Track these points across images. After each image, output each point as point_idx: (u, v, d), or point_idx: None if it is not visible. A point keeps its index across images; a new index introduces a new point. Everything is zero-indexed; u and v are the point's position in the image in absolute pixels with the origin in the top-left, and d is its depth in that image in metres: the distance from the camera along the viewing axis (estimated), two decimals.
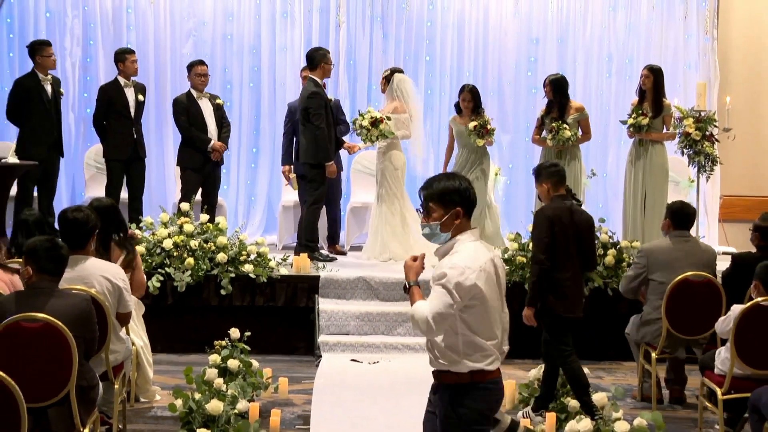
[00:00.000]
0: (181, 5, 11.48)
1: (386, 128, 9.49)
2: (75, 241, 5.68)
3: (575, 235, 6.42)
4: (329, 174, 9.48)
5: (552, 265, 6.33)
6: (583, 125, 9.63)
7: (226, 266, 8.53)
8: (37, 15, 11.39)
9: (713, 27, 11.65)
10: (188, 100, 9.96)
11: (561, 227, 6.36)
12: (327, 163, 9.43)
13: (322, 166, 9.44)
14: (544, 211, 6.47)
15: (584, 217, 6.54)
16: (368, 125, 9.50)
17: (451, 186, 4.10)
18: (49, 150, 9.67)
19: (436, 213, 4.07)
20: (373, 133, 9.50)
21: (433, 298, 3.98)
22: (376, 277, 8.78)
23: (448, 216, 4.06)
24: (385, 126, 9.48)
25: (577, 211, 6.52)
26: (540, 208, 6.63)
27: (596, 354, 8.49)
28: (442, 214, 4.06)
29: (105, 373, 5.73)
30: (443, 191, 4.07)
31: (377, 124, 9.48)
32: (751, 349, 5.93)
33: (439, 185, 4.09)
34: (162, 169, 11.49)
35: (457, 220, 4.06)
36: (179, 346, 8.47)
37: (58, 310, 4.94)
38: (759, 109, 11.64)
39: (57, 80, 9.97)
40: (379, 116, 9.54)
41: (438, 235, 4.09)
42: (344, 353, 8.22)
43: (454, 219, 4.06)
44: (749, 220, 7.88)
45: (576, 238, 6.42)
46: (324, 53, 9.62)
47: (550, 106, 9.65)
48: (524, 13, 11.69)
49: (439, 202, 4.07)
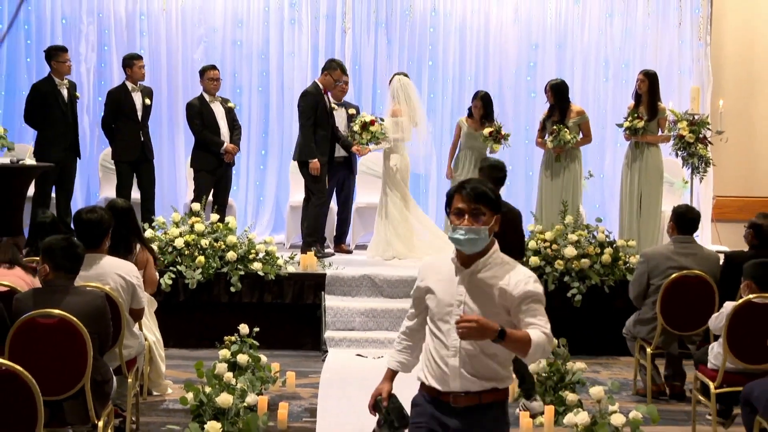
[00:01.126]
0: (192, 12, 11.48)
1: (378, 131, 9.49)
2: (90, 241, 5.69)
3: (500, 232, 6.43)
4: (311, 170, 9.46)
5: None
6: (583, 128, 9.62)
7: (235, 264, 8.53)
8: (53, 21, 11.41)
9: (707, 33, 11.62)
10: (201, 103, 9.96)
11: None
12: (311, 160, 9.44)
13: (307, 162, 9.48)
14: None
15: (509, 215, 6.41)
16: (359, 129, 9.53)
17: (496, 192, 3.81)
18: (65, 152, 9.70)
19: (486, 217, 3.67)
20: (364, 137, 9.52)
21: (539, 317, 3.61)
22: (380, 274, 8.79)
23: (495, 222, 3.71)
24: (376, 129, 9.49)
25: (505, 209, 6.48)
26: None
27: (593, 349, 8.48)
28: (491, 218, 3.69)
29: (119, 367, 5.74)
30: (496, 195, 3.75)
31: (368, 127, 9.49)
32: (743, 344, 5.92)
33: (489, 188, 3.74)
34: (174, 170, 11.49)
35: (497, 228, 3.73)
36: (190, 341, 8.48)
37: (73, 307, 4.95)
38: (751, 112, 11.62)
39: (73, 84, 9.98)
40: (370, 119, 9.55)
41: (481, 241, 3.67)
42: (350, 348, 8.23)
43: (496, 226, 3.72)
44: (741, 220, 7.89)
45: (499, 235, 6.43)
46: (333, 65, 9.66)
47: (551, 110, 9.64)
48: (524, 20, 11.68)
49: (489, 205, 3.68)
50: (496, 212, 3.70)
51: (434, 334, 3.74)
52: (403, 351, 4.00)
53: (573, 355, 7.04)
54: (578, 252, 8.56)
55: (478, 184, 3.72)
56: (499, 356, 3.66)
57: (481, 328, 3.42)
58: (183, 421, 6.24)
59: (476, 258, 3.70)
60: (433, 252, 9.40)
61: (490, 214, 3.68)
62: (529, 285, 3.63)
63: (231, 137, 10.03)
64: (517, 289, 3.62)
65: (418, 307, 3.91)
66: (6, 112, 11.23)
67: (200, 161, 9.96)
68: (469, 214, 3.65)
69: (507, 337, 3.46)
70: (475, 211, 3.65)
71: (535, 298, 3.61)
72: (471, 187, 3.69)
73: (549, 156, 9.62)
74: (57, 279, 5.07)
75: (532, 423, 6.16)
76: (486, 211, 3.67)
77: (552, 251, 8.61)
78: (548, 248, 8.64)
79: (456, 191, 3.73)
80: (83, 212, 5.84)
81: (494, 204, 3.70)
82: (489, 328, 3.43)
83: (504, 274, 3.67)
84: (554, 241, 8.68)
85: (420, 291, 3.85)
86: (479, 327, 3.42)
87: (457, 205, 3.69)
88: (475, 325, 3.41)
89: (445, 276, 3.76)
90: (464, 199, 3.67)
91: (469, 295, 3.68)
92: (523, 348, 3.50)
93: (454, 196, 3.73)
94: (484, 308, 3.63)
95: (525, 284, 3.63)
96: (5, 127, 9.19)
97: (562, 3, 11.70)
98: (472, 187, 3.69)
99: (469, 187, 3.69)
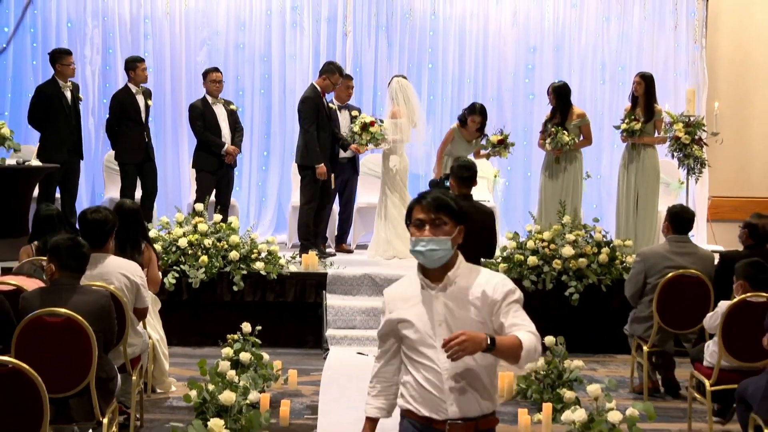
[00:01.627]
0: (195, 15, 11.50)
1: (377, 132, 9.49)
2: (95, 241, 5.69)
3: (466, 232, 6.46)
4: (318, 175, 9.46)
5: None
6: (584, 131, 9.58)
7: (238, 264, 8.54)
8: (59, 25, 11.42)
9: (702, 36, 11.63)
10: (203, 105, 9.97)
11: None
12: (317, 165, 9.43)
13: (312, 167, 9.45)
14: None
15: (477, 215, 6.49)
16: (358, 130, 9.53)
17: (459, 201, 3.56)
18: (69, 153, 9.70)
19: (449, 227, 3.44)
20: (364, 138, 9.52)
21: (523, 317, 3.42)
22: (380, 274, 8.79)
23: (458, 232, 3.47)
24: (376, 130, 9.49)
25: (473, 209, 6.49)
26: None
27: (591, 347, 8.48)
28: (454, 229, 3.45)
29: (123, 365, 5.74)
30: (458, 204, 3.50)
31: (367, 128, 9.49)
32: (738, 342, 5.92)
33: (451, 198, 3.50)
34: (177, 171, 11.50)
35: (460, 240, 3.49)
36: (194, 339, 8.49)
37: (79, 306, 4.95)
38: (745, 114, 11.62)
39: (76, 86, 9.99)
40: (369, 120, 9.56)
41: (444, 253, 3.43)
42: (350, 346, 8.23)
43: (460, 237, 3.48)
44: (736, 220, 7.89)
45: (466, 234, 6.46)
46: (332, 69, 9.62)
47: (553, 112, 9.63)
48: (522, 23, 11.69)
49: (451, 215, 3.45)
50: (460, 222, 3.47)
51: (418, 362, 3.46)
52: (379, 395, 3.65)
53: (570, 353, 7.06)
54: (576, 251, 8.56)
55: (438, 194, 3.50)
56: (490, 368, 3.46)
57: (471, 341, 3.21)
58: (186, 418, 6.24)
59: (444, 272, 3.47)
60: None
61: (452, 224, 3.45)
62: (507, 285, 3.45)
63: (232, 139, 10.03)
64: (496, 292, 3.42)
65: (387, 341, 3.59)
66: (12, 114, 11.23)
67: (202, 162, 9.97)
68: (429, 224, 3.44)
69: (497, 344, 3.26)
70: (436, 221, 3.43)
71: (516, 299, 3.43)
72: (432, 197, 3.48)
73: (549, 158, 9.63)
74: (63, 278, 5.07)
75: (530, 420, 6.16)
76: (448, 220, 3.44)
77: (550, 251, 8.62)
78: (546, 248, 8.64)
79: (416, 202, 3.51)
80: (88, 212, 5.84)
81: (456, 214, 3.47)
82: (478, 339, 3.23)
83: (477, 281, 3.46)
84: (552, 241, 8.68)
85: (391, 324, 3.54)
86: (469, 340, 3.20)
87: (417, 216, 3.47)
88: (465, 338, 3.20)
89: (415, 300, 3.50)
90: (424, 209, 3.45)
91: (447, 312, 3.43)
92: (514, 352, 3.31)
93: (414, 207, 3.51)
94: (465, 322, 3.39)
95: (503, 286, 3.44)
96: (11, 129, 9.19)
97: (559, 7, 11.71)
98: (433, 197, 3.48)
99: (429, 197, 3.48)
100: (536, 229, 8.87)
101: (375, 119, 9.64)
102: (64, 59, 9.73)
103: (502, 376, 6.84)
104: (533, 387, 6.81)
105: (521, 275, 8.38)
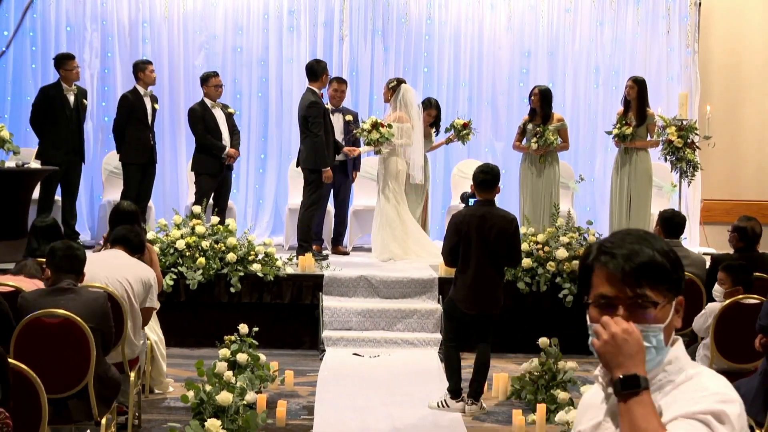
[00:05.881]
0: (193, 19, 11.49)
1: (386, 133, 9.50)
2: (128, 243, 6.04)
3: (481, 238, 6.44)
4: (325, 179, 9.45)
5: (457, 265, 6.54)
6: (562, 134, 9.77)
7: (235, 265, 8.53)
8: (58, 29, 11.40)
9: (694, 41, 11.65)
10: (203, 109, 9.96)
11: (467, 231, 6.46)
12: (324, 169, 9.42)
13: (320, 171, 9.44)
14: (453, 217, 6.78)
15: (496, 222, 6.47)
16: (369, 127, 9.52)
17: (671, 251, 2.12)
18: (69, 155, 9.69)
19: (660, 308, 2.06)
20: (374, 135, 9.52)
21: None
22: (376, 276, 8.79)
23: (674, 309, 2.10)
24: (385, 131, 9.50)
25: (491, 215, 6.49)
26: (453, 214, 6.99)
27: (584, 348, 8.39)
28: (668, 308, 2.09)
29: (122, 365, 5.74)
30: (671, 259, 2.10)
31: (378, 127, 9.51)
32: (730, 344, 5.93)
33: (659, 249, 2.07)
34: (175, 173, 11.48)
35: (679, 323, 2.14)
36: (191, 340, 8.48)
37: (77, 307, 4.96)
38: (737, 117, 11.64)
39: (83, 91, 10.02)
40: (380, 121, 9.58)
41: (656, 353, 2.06)
42: (347, 348, 8.22)
43: (678, 320, 2.13)
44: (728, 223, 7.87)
45: (481, 240, 6.45)
46: (324, 66, 9.64)
47: (532, 114, 9.73)
48: (517, 28, 11.70)
49: (664, 284, 2.07)
50: (676, 293, 2.11)
51: None
52: None
53: (564, 354, 7.04)
54: (570, 254, 8.57)
55: (636, 246, 2.06)
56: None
57: (617, 345, 2.01)
58: (184, 419, 6.23)
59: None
60: (425, 255, 9.42)
61: (665, 300, 2.07)
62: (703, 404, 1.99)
63: (231, 142, 10.03)
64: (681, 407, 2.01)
65: None
66: (12, 117, 11.21)
67: (202, 165, 9.95)
68: (625, 306, 2.06)
69: (644, 394, 1.98)
70: (638, 301, 2.05)
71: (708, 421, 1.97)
72: (623, 254, 2.05)
73: (530, 158, 9.74)
74: (61, 280, 5.08)
75: (524, 421, 6.16)
76: (659, 296, 2.06)
77: (544, 253, 8.63)
78: (540, 250, 8.65)
79: (594, 259, 2.10)
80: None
81: (672, 280, 2.09)
82: (631, 359, 2.01)
83: (691, 386, 2.05)
84: (546, 243, 8.69)
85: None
86: (618, 343, 2.01)
87: (599, 291, 2.09)
88: (623, 330, 2.02)
89: (598, 412, 2.21)
90: (613, 278, 2.06)
91: (610, 416, 2.14)
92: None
93: (593, 269, 2.11)
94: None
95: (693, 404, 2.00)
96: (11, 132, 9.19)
97: (554, 12, 11.73)
98: (627, 254, 2.05)
99: (620, 254, 2.06)
100: (530, 231, 8.88)
101: (384, 122, 9.63)
102: (66, 64, 9.76)
103: (497, 377, 6.84)
104: (527, 388, 6.81)
105: (516, 277, 8.39)
